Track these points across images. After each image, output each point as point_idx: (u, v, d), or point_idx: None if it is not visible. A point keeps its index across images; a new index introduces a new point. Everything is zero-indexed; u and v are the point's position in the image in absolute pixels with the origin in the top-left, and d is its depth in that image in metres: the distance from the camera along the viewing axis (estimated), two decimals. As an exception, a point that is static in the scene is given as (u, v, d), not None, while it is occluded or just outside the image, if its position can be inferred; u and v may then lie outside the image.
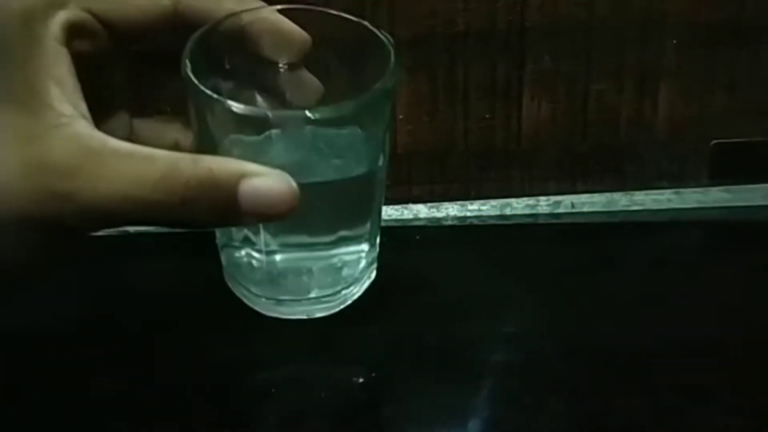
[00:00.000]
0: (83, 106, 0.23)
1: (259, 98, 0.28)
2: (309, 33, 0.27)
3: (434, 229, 0.45)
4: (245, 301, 0.29)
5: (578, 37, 0.45)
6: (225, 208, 0.22)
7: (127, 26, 0.25)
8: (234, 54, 0.27)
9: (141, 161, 0.21)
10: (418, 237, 0.43)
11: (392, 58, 0.27)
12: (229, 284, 0.30)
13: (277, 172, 0.22)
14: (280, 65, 0.28)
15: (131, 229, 0.44)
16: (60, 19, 0.22)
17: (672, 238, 0.43)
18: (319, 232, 0.28)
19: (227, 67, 0.28)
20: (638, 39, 0.45)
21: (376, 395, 0.28)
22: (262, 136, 0.25)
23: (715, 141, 0.47)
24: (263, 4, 0.28)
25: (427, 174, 0.47)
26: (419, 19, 0.43)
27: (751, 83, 0.47)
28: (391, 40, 0.27)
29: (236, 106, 0.24)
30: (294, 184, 0.22)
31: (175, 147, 0.28)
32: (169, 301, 0.34)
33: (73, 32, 0.23)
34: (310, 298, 0.29)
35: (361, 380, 0.29)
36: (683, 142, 0.47)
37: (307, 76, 0.27)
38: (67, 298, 0.34)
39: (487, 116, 0.46)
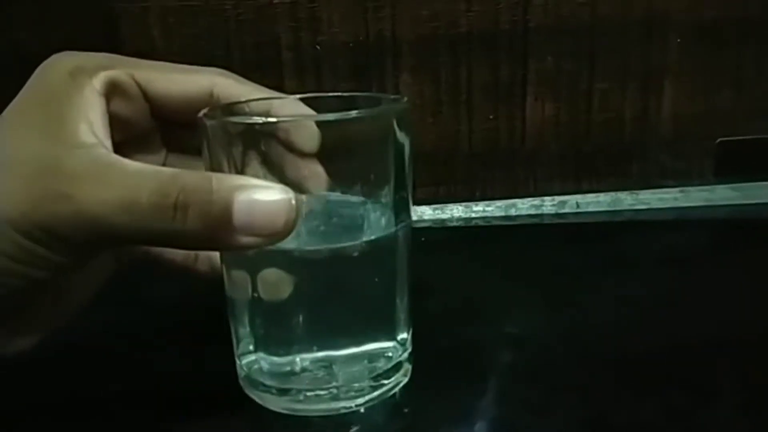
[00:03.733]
0: (108, 144, 0.24)
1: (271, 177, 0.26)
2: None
3: (439, 231, 0.45)
4: (264, 403, 0.27)
5: (581, 36, 0.45)
6: (217, 219, 0.21)
7: (165, 97, 0.26)
8: None
9: (146, 172, 0.22)
10: (423, 239, 0.43)
11: (403, 99, 0.27)
12: (246, 391, 0.28)
13: (278, 186, 0.22)
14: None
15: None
16: (103, 75, 0.24)
17: (679, 237, 0.43)
18: (340, 323, 0.26)
19: None
20: (642, 38, 0.45)
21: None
22: None
23: (720, 139, 0.47)
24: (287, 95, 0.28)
25: (431, 175, 0.47)
26: (422, 21, 0.44)
27: (756, 81, 0.47)
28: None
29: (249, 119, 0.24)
30: (293, 199, 0.22)
31: None
32: (177, 311, 0.34)
33: (113, 88, 0.25)
34: (332, 391, 0.26)
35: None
36: (688, 140, 0.47)
37: (318, 168, 0.26)
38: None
39: (490, 117, 0.46)
